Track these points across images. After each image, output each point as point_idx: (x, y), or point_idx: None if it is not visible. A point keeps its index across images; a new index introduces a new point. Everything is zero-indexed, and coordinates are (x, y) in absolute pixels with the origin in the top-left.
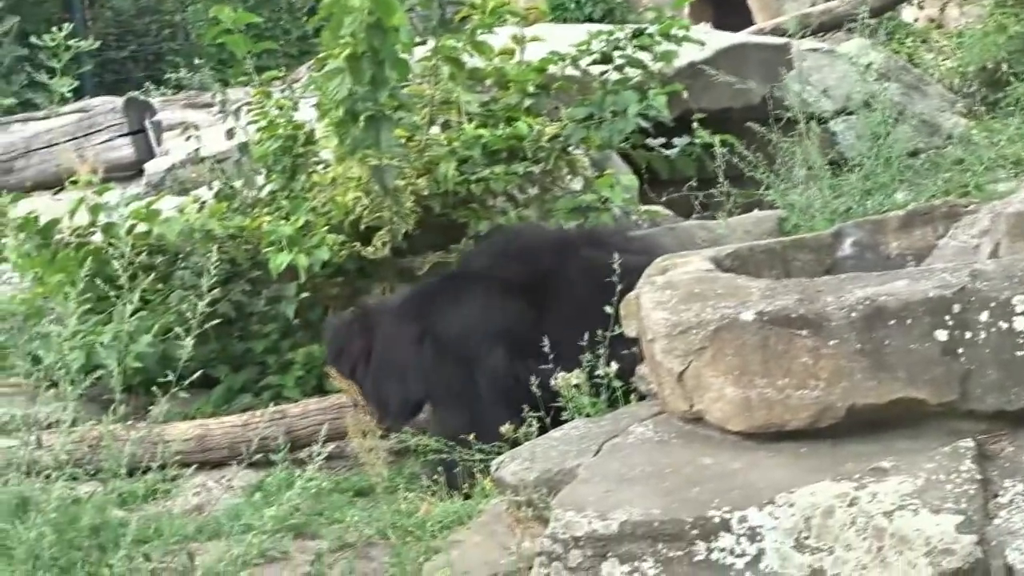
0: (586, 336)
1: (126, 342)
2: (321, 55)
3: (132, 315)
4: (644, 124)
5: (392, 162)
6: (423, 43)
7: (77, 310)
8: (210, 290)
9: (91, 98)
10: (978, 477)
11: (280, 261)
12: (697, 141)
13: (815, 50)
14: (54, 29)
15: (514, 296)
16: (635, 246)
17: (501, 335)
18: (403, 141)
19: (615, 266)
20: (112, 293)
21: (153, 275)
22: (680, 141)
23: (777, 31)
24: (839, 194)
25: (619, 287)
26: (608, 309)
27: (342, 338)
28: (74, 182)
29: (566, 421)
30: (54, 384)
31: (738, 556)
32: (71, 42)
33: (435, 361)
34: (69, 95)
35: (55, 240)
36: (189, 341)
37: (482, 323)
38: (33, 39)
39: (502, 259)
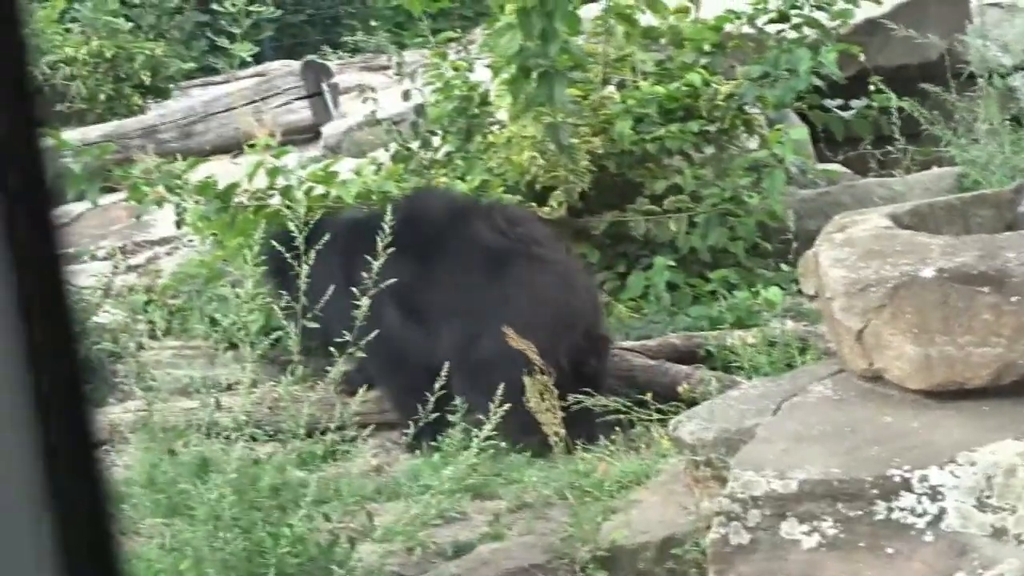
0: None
1: (305, 303)
2: (493, 14)
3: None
4: (818, 83)
5: (567, 119)
6: (594, 1)
7: (255, 272)
8: (385, 250)
9: (270, 62)
10: None
11: None
12: (874, 104)
13: (995, 4)
14: None
15: (408, 258)
16: (517, 232)
17: (395, 294)
18: (577, 99)
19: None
20: (289, 255)
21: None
22: (858, 103)
23: None
24: (1019, 150)
25: None
26: None
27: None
28: (252, 146)
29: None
30: (233, 346)
31: (919, 515)
32: (251, 8)
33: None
34: (249, 59)
35: (234, 203)
36: (365, 301)
37: (382, 279)
38: (214, 5)
39: (402, 222)
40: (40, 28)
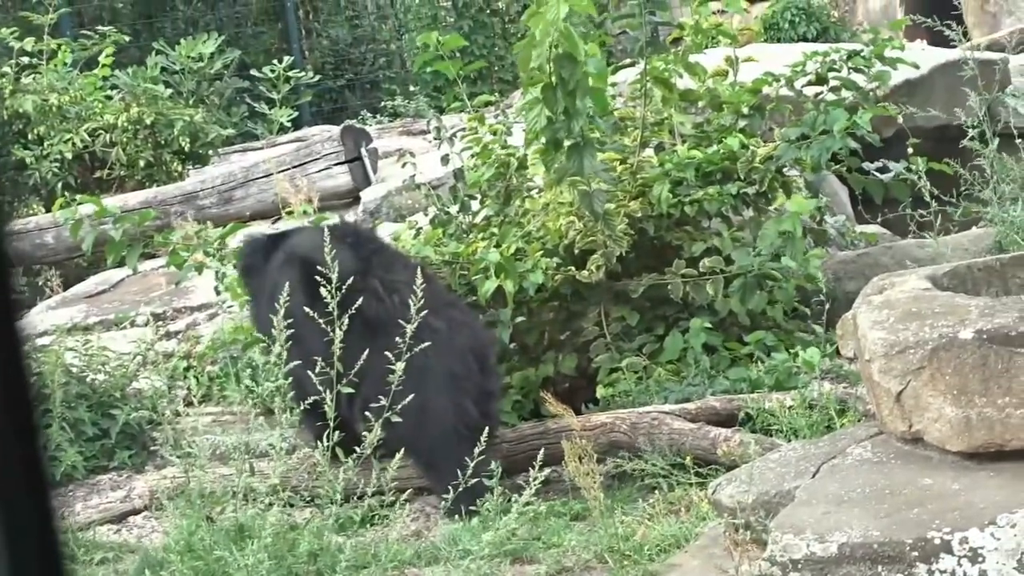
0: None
1: (339, 369)
2: (526, 85)
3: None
4: (853, 144)
5: (601, 186)
6: (632, 65)
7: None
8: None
9: (309, 127)
10: None
11: (487, 288)
12: (912, 167)
13: None
14: (274, 61)
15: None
16: (394, 300)
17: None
18: (612, 165)
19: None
20: (322, 321)
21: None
22: (896, 167)
23: (995, 47)
24: None
25: None
26: None
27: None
28: (290, 212)
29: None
30: (269, 411)
31: None
32: (290, 73)
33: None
34: (288, 125)
35: None
36: (400, 366)
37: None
38: (253, 71)
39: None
40: (81, 96)
